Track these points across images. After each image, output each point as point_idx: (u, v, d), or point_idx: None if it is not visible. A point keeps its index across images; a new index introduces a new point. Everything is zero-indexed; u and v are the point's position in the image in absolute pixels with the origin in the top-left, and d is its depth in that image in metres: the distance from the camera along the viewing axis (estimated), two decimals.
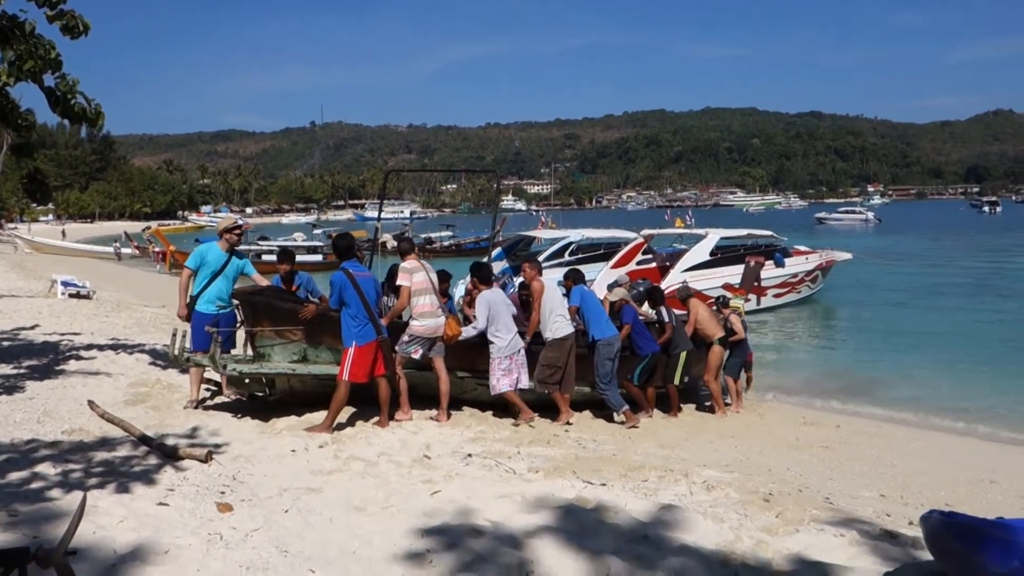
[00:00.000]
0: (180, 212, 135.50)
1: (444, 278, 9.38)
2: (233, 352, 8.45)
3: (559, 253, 23.43)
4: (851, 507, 6.13)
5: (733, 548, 4.62)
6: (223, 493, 5.51)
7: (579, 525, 4.95)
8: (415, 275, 8.22)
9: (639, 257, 22.31)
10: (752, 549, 4.62)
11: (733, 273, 21.34)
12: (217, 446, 6.72)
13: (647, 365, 9.97)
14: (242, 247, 9.29)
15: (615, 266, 21.55)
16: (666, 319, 10.38)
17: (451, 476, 6.08)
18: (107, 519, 4.77)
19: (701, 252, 22.06)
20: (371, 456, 6.60)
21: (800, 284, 24.02)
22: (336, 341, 7.71)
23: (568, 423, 8.74)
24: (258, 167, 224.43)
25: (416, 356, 8.26)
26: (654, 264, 22.36)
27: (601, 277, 20.64)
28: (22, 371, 9.79)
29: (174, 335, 7.92)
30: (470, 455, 6.76)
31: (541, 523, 4.98)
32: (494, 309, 8.55)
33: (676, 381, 10.23)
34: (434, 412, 8.28)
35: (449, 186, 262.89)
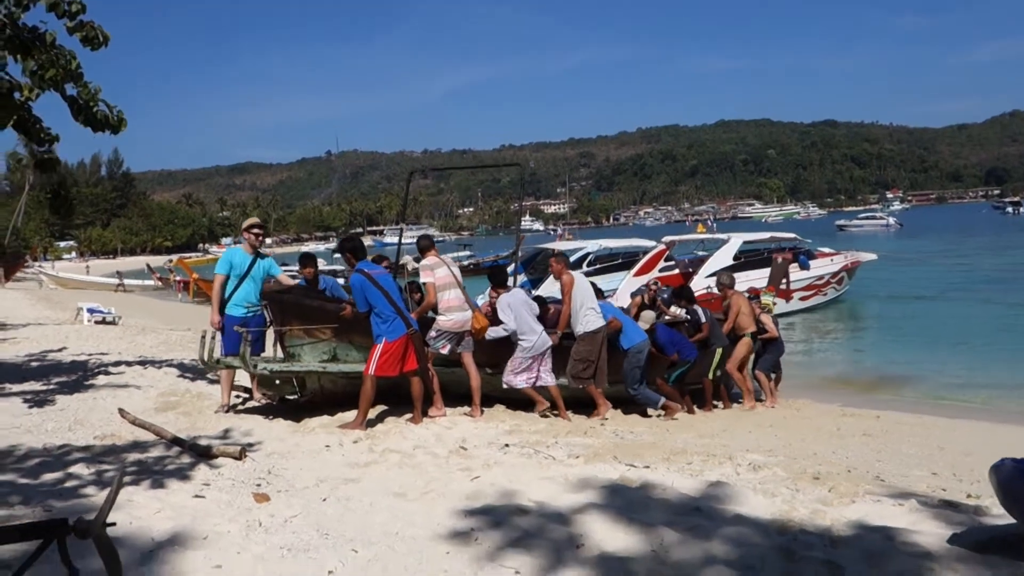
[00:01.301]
0: (201, 244, 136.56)
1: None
2: (263, 354, 8.37)
3: (577, 264, 23.27)
4: (904, 484, 5.95)
5: (790, 516, 4.45)
6: (259, 485, 5.40)
7: (626, 501, 4.79)
8: (437, 270, 8.15)
9: (661, 264, 22.13)
10: (809, 517, 4.45)
11: (758, 277, 21.15)
12: (250, 445, 6.61)
13: (687, 370, 9.82)
14: None
15: (638, 274, 21.40)
16: (701, 319, 10.25)
17: (489, 465, 5.93)
18: (143, 511, 4.66)
19: (725, 256, 21.87)
20: (407, 449, 6.48)
21: (826, 286, 23.75)
22: (367, 339, 7.59)
23: (605, 418, 8.58)
24: (276, 198, 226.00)
25: (444, 351, 8.15)
26: (677, 271, 22.17)
27: (624, 285, 20.52)
28: (51, 386, 9.75)
29: (203, 338, 7.85)
30: (507, 445, 6.62)
31: (587, 501, 4.82)
32: (516, 310, 8.42)
33: (710, 375, 10.13)
34: (467, 408, 8.16)
35: (466, 209, 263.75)
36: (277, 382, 8.24)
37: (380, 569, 3.86)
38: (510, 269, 24.15)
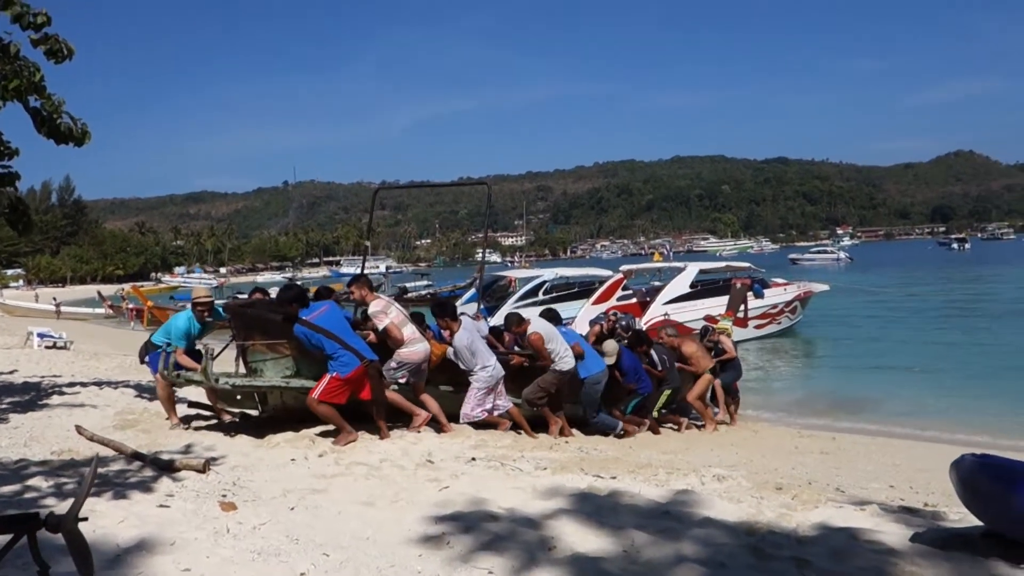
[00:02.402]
0: (153, 273, 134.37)
1: (419, 321, 9.03)
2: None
3: (533, 292, 23.31)
4: (864, 494, 6.07)
5: (756, 519, 4.53)
6: (224, 496, 5.33)
7: (596, 507, 4.84)
8: (389, 311, 7.97)
9: (619, 292, 22.33)
10: (776, 520, 4.53)
11: (714, 305, 21.42)
12: (214, 459, 6.53)
13: (640, 402, 9.83)
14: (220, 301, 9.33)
15: (596, 302, 21.54)
16: (657, 364, 10.14)
17: (457, 475, 5.93)
18: (106, 520, 4.58)
19: (681, 284, 22.14)
20: (373, 462, 6.45)
21: (780, 315, 24.10)
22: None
23: (561, 434, 8.59)
24: (231, 227, 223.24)
25: (402, 381, 8.02)
26: (634, 299, 22.37)
27: (582, 314, 20.63)
28: (3, 406, 9.53)
29: (165, 354, 7.77)
30: (474, 459, 6.62)
31: (556, 507, 4.86)
32: (473, 346, 8.31)
33: (654, 414, 10.08)
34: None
35: (424, 241, 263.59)
36: (239, 397, 8.12)
37: (352, 571, 3.84)
38: (468, 296, 24.30)
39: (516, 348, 9.22)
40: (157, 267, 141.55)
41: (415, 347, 7.97)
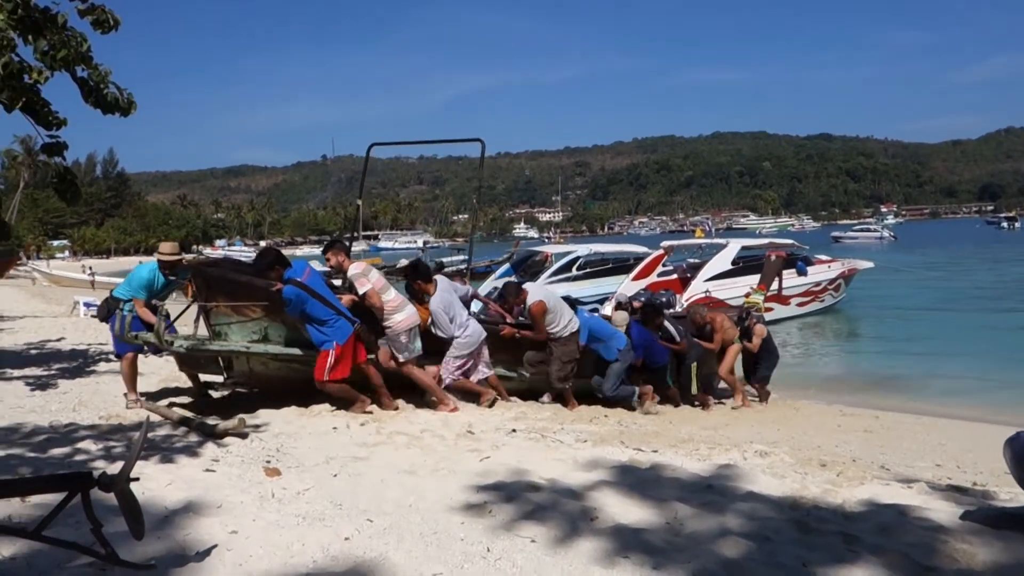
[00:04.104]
0: (194, 246, 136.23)
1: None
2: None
3: (566, 267, 23.23)
4: (910, 473, 5.97)
5: (801, 494, 4.48)
6: (268, 462, 5.40)
7: (637, 480, 4.82)
8: (371, 275, 7.53)
9: (659, 269, 22.17)
10: (821, 495, 4.48)
11: (756, 282, 21.19)
12: (257, 426, 6.63)
13: (658, 375, 9.66)
14: None
15: (636, 278, 21.42)
16: (675, 335, 9.94)
17: (498, 446, 5.95)
18: (154, 483, 4.65)
19: (723, 261, 21.89)
20: (414, 432, 6.49)
21: (823, 292, 23.77)
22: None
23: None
24: (271, 201, 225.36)
25: (420, 350, 7.61)
26: (675, 276, 22.20)
27: (621, 289, 20.50)
28: (52, 372, 9.75)
29: (121, 317, 7.43)
30: (514, 430, 6.64)
31: (598, 479, 4.85)
32: (450, 311, 7.82)
33: (694, 390, 9.94)
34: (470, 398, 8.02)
35: (461, 216, 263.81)
36: (201, 361, 7.70)
37: (396, 538, 3.86)
38: (502, 271, 24.23)
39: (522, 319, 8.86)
40: (198, 240, 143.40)
41: (405, 311, 7.52)
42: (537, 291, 8.72)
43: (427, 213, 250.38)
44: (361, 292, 7.38)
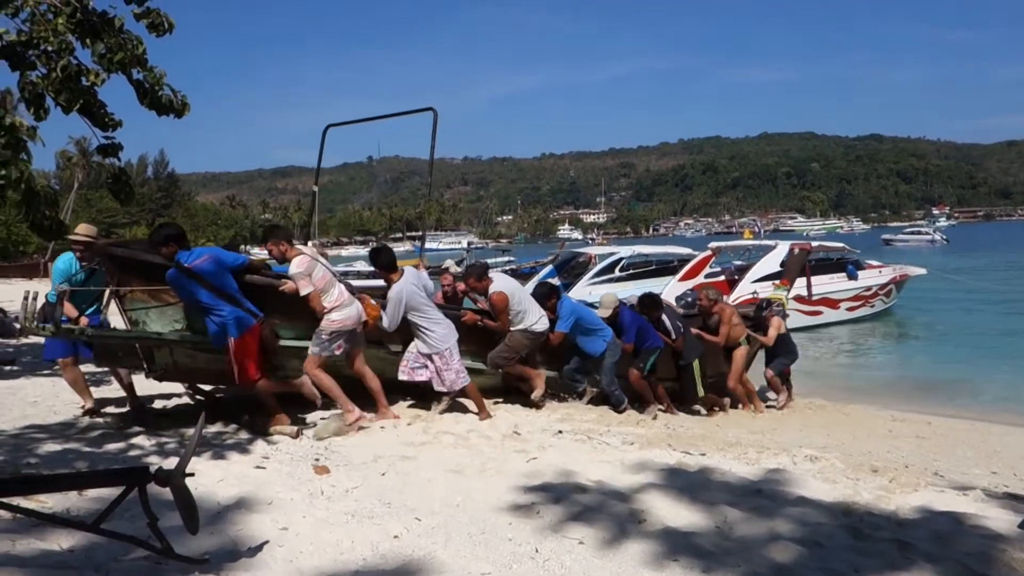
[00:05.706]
0: (242, 246, 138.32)
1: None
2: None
3: (609, 269, 23.12)
4: (964, 480, 5.85)
5: (854, 500, 4.42)
6: (317, 460, 5.47)
7: (686, 483, 4.78)
8: (314, 274, 6.79)
9: (707, 270, 22.02)
10: (874, 502, 4.41)
11: (803, 284, 20.94)
12: (305, 424, 6.70)
13: (657, 357, 9.04)
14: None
15: (683, 278, 21.29)
16: (671, 331, 9.24)
17: (544, 447, 5.95)
18: (206, 479, 4.73)
19: (772, 262, 21.63)
20: (461, 432, 6.52)
21: (874, 298, 23.38)
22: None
23: (539, 399, 7.98)
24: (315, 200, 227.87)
25: (339, 352, 6.93)
26: (723, 277, 22.02)
27: (668, 290, 20.38)
28: (106, 369, 9.91)
29: (25, 299, 6.26)
30: (560, 432, 6.63)
31: (646, 481, 4.82)
32: (411, 302, 7.21)
33: (701, 393, 9.56)
34: (515, 398, 8.04)
35: (505, 217, 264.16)
36: (120, 355, 7.05)
37: (444, 536, 3.88)
38: (546, 272, 24.20)
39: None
40: (246, 240, 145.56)
41: (345, 311, 6.88)
42: (503, 282, 8.15)
43: (471, 214, 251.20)
44: (303, 294, 6.73)
